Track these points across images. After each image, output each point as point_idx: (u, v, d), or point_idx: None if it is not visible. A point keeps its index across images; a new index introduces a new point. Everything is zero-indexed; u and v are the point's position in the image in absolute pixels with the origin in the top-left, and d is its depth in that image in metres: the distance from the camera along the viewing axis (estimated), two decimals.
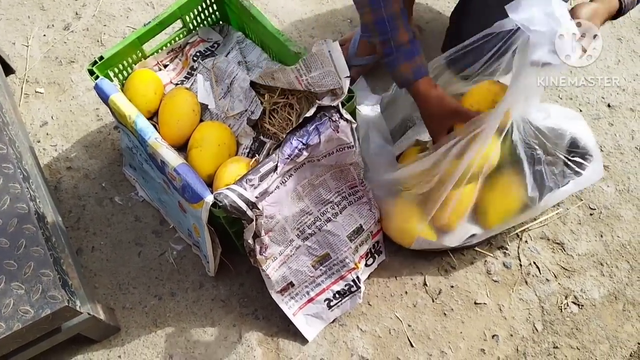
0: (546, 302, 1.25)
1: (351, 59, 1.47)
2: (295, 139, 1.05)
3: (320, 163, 1.10)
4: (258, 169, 1.04)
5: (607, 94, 1.47)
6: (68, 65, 1.59)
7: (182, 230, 1.32)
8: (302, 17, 1.63)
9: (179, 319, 1.27)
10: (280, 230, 1.14)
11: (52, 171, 1.44)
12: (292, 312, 1.22)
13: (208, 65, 1.30)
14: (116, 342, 1.25)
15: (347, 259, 1.21)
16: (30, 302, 1.00)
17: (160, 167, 1.11)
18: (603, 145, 1.40)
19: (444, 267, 1.29)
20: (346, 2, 1.64)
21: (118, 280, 1.32)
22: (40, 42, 1.63)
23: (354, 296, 1.24)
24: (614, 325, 1.23)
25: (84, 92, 1.54)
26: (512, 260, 1.29)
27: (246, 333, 1.24)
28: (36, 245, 1.04)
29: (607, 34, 1.54)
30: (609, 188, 1.36)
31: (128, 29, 1.63)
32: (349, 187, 1.19)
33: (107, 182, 1.42)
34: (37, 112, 1.52)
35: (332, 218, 1.19)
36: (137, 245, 1.35)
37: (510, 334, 1.23)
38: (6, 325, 0.98)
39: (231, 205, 1.01)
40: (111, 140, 1.47)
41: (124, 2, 1.68)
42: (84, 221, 1.38)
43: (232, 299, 1.28)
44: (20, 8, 1.68)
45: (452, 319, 1.25)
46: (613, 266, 1.28)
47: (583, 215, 1.33)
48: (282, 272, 1.19)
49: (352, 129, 1.08)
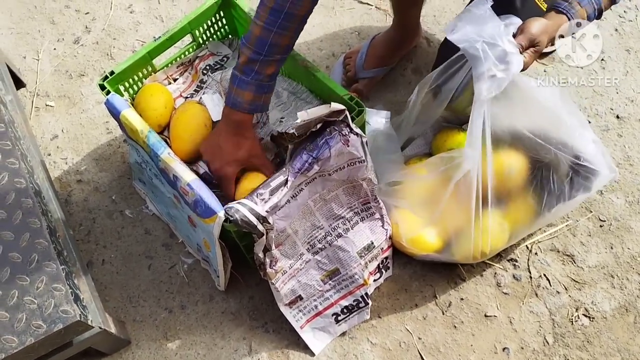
0: (557, 315, 1.25)
1: (359, 72, 1.48)
2: (305, 153, 1.06)
3: (332, 178, 1.11)
4: (268, 183, 1.05)
5: (615, 105, 1.47)
6: (78, 79, 1.60)
7: (191, 245, 1.33)
8: (310, 29, 1.63)
9: (189, 332, 1.27)
10: (290, 244, 1.14)
11: (62, 184, 1.45)
12: (299, 325, 1.22)
13: (217, 78, 1.31)
14: (127, 356, 1.25)
15: (356, 275, 1.21)
16: (42, 316, 1.00)
17: (172, 181, 1.11)
18: (612, 157, 1.40)
19: (454, 279, 1.29)
20: (353, 15, 1.65)
21: (128, 293, 1.32)
22: (50, 56, 1.64)
23: (362, 312, 1.24)
24: (625, 338, 1.22)
25: (93, 105, 1.55)
26: (522, 273, 1.29)
27: (256, 346, 1.25)
28: (48, 260, 1.05)
29: (615, 45, 1.55)
30: (618, 200, 1.36)
31: (137, 42, 1.65)
32: (362, 203, 1.19)
33: (117, 195, 1.43)
34: (47, 125, 1.53)
35: (343, 234, 1.19)
36: (147, 258, 1.35)
37: (521, 347, 1.22)
38: (19, 340, 0.98)
39: (242, 220, 1.01)
40: (121, 153, 1.48)
41: (133, 16, 1.69)
42: (94, 234, 1.39)
43: (242, 312, 1.28)
44: (31, 22, 1.70)
45: (463, 331, 1.24)
46: (624, 278, 1.28)
47: (593, 227, 1.33)
48: (291, 285, 1.19)
49: (362, 143, 1.08)
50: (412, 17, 1.46)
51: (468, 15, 0.98)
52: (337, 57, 1.58)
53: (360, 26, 1.63)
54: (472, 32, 0.96)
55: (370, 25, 1.63)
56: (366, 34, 1.61)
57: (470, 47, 0.96)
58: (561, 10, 1.01)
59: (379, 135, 1.25)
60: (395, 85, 1.53)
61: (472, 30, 0.96)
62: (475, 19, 0.97)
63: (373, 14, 1.65)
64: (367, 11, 1.66)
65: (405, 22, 1.45)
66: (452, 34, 0.98)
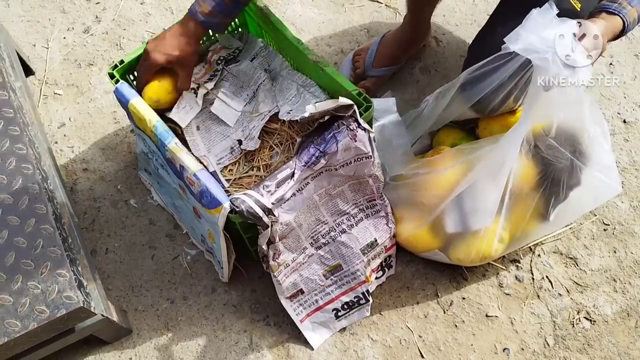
0: (558, 317, 1.25)
1: (368, 70, 1.48)
2: (312, 146, 1.06)
3: (338, 173, 1.11)
4: (275, 175, 1.05)
5: (623, 109, 1.47)
6: (87, 68, 1.60)
7: (195, 237, 1.33)
8: (320, 25, 1.64)
9: (190, 323, 1.27)
10: (294, 238, 1.15)
11: (68, 172, 1.45)
12: (299, 318, 1.23)
13: (233, 71, 1.31)
14: (128, 344, 1.26)
15: (358, 271, 1.21)
16: (46, 302, 1.00)
17: (178, 172, 1.12)
18: (618, 161, 1.40)
19: (456, 278, 1.29)
20: (363, 12, 1.65)
21: (131, 283, 1.32)
22: (60, 45, 1.65)
23: (362, 308, 1.24)
24: (626, 342, 1.22)
25: (101, 95, 1.56)
26: (524, 274, 1.29)
27: (257, 339, 1.25)
28: (53, 246, 1.05)
29: (623, 50, 1.55)
30: (623, 204, 1.35)
31: (147, 33, 1.65)
32: (367, 200, 1.19)
33: (122, 184, 1.43)
34: (55, 113, 1.54)
35: (347, 230, 1.19)
36: (150, 249, 1.36)
37: (521, 348, 1.22)
38: (22, 325, 0.99)
39: (247, 211, 1.01)
40: (127, 143, 1.48)
41: (143, 7, 1.69)
42: (99, 223, 1.39)
43: (244, 304, 1.29)
44: (42, 10, 1.70)
45: (463, 330, 1.25)
46: (626, 282, 1.28)
47: (597, 230, 1.33)
48: (293, 278, 1.19)
49: (369, 138, 1.08)
50: (425, 17, 1.46)
51: (532, 23, 0.95)
52: (345, 53, 1.58)
53: (370, 24, 1.63)
54: (538, 42, 0.93)
55: (379, 22, 1.63)
56: (375, 31, 1.61)
57: (540, 59, 0.94)
58: (613, 12, 0.99)
59: (386, 126, 1.24)
60: (403, 84, 1.53)
61: (538, 40, 0.93)
62: (539, 28, 0.94)
63: (383, 11, 1.65)
64: (377, 9, 1.66)
65: (417, 21, 1.45)
66: (515, 44, 0.95)
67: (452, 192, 1.13)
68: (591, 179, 1.14)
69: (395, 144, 1.22)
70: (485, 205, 1.12)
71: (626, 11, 0.99)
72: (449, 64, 1.55)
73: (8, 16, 1.69)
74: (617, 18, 1.00)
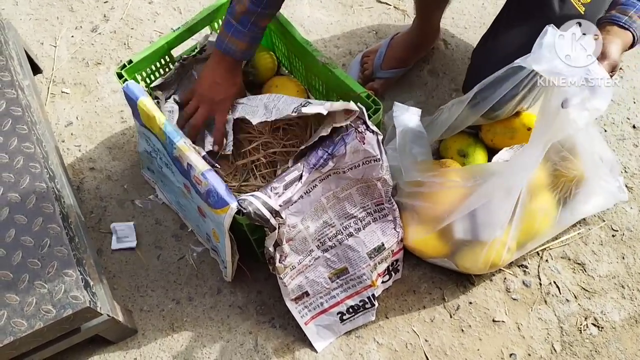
0: (565, 323, 1.24)
1: (376, 71, 1.47)
2: (321, 148, 1.05)
3: (347, 175, 1.10)
4: (283, 177, 1.05)
5: (632, 114, 1.46)
6: (95, 67, 1.60)
7: (201, 234, 1.33)
8: (328, 27, 1.63)
9: (195, 324, 1.27)
10: (301, 240, 1.14)
11: (75, 171, 1.45)
12: (304, 321, 1.22)
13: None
14: (133, 345, 1.26)
15: (364, 275, 1.20)
16: (52, 301, 1.00)
17: (185, 170, 1.11)
18: (627, 167, 1.39)
19: (463, 283, 1.29)
20: (372, 14, 1.64)
21: (136, 283, 1.32)
22: (68, 43, 1.65)
23: (367, 313, 1.24)
24: (634, 349, 1.21)
25: (109, 94, 1.56)
26: (532, 279, 1.28)
27: (262, 341, 1.24)
28: (60, 245, 1.05)
29: (633, 54, 1.54)
30: (632, 210, 1.34)
31: (155, 33, 1.65)
32: (375, 204, 1.19)
33: (129, 184, 1.43)
34: (62, 112, 1.54)
35: (354, 233, 1.18)
36: (156, 249, 1.36)
37: (528, 354, 1.22)
38: (28, 324, 0.98)
39: (255, 213, 1.01)
40: (134, 143, 1.48)
41: (151, 6, 1.69)
42: (105, 222, 1.39)
43: (250, 306, 1.28)
44: (50, 9, 1.70)
45: (470, 335, 1.24)
46: (634, 289, 1.27)
47: (605, 236, 1.32)
48: (299, 281, 1.19)
49: (378, 141, 1.08)
50: (434, 20, 1.45)
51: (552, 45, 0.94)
52: (354, 55, 1.58)
53: (378, 25, 1.63)
54: (561, 65, 0.93)
55: (388, 24, 1.63)
56: (384, 33, 1.61)
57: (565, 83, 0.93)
58: (623, 25, 0.98)
59: (408, 132, 1.23)
60: (411, 86, 1.52)
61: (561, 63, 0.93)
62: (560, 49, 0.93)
63: (391, 13, 1.65)
64: (386, 11, 1.65)
65: (427, 24, 1.44)
66: (539, 65, 0.94)
67: (464, 207, 1.12)
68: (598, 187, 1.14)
69: (415, 151, 1.22)
70: (498, 219, 1.12)
71: (636, 25, 0.98)
72: (457, 67, 1.54)
73: (16, 14, 1.69)
74: (628, 33, 0.99)
